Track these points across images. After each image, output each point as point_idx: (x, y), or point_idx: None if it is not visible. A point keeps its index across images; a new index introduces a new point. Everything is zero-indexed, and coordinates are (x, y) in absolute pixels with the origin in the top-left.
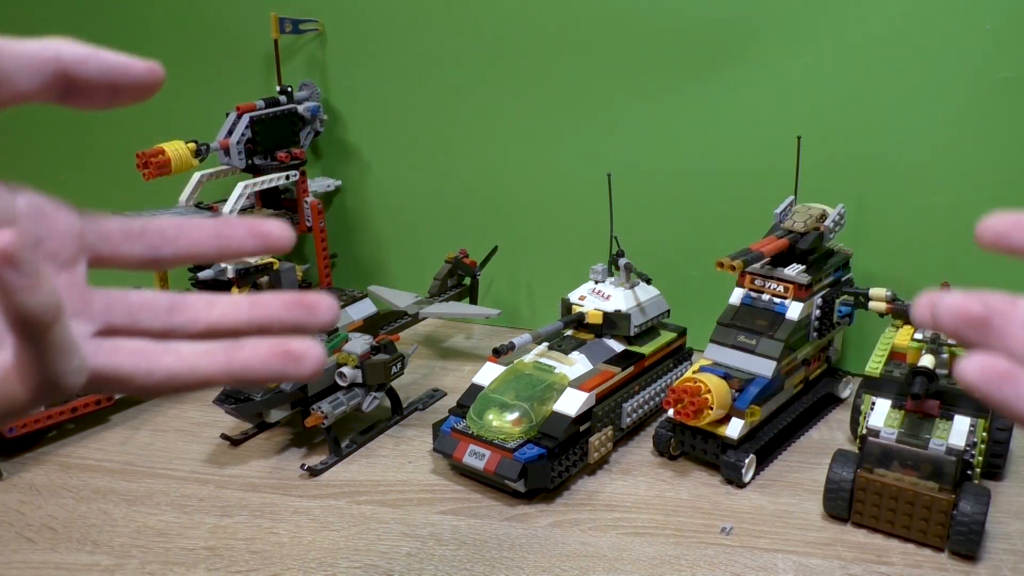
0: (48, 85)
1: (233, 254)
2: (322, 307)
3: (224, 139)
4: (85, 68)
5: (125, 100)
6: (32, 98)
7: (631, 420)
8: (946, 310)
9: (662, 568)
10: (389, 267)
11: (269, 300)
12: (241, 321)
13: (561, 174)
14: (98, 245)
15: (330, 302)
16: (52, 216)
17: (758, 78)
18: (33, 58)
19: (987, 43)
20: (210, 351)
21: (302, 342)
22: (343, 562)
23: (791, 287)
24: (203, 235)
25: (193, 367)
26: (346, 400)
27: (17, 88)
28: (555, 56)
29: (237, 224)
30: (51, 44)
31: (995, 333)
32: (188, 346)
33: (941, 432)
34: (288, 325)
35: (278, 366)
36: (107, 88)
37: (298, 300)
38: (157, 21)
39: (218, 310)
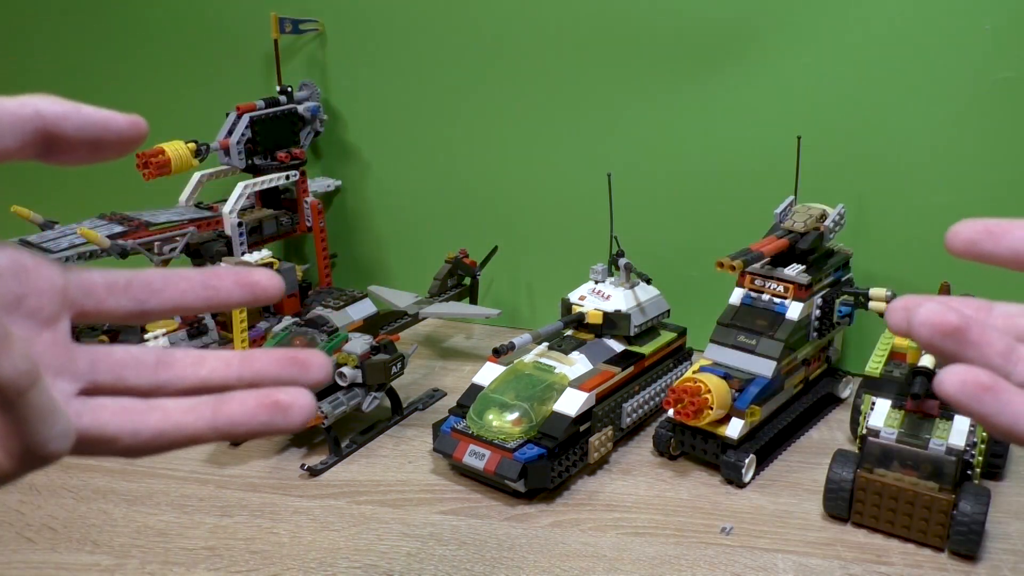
0: (29, 144)
1: (220, 305)
2: (314, 364)
3: (224, 139)
4: (66, 125)
5: (107, 155)
6: (12, 157)
7: (631, 420)
8: (922, 321)
9: (662, 568)
10: (389, 267)
11: (260, 356)
12: (231, 378)
13: (561, 174)
14: (82, 300)
15: (322, 359)
16: (33, 272)
17: (758, 78)
18: (13, 116)
19: (987, 43)
20: (196, 407)
21: (289, 392)
22: (343, 562)
23: (791, 287)
24: (190, 286)
25: (179, 424)
26: (346, 400)
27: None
28: (555, 56)
29: (225, 275)
30: (30, 102)
31: (972, 344)
32: (174, 402)
33: (941, 432)
34: (280, 382)
35: (265, 418)
36: (89, 144)
37: (291, 357)
38: (157, 21)
39: (207, 367)
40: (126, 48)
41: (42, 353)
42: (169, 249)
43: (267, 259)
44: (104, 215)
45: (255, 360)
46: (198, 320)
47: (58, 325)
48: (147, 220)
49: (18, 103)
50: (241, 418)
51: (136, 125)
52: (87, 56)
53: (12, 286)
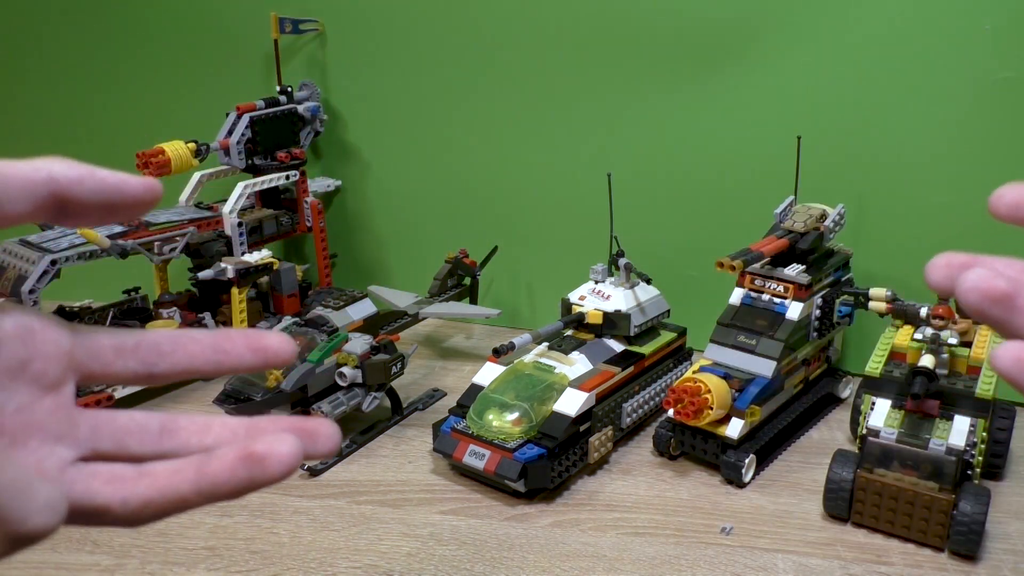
0: (41, 208)
1: (230, 369)
2: (323, 434)
3: (224, 139)
4: (80, 190)
5: (120, 218)
6: (25, 220)
7: (631, 420)
8: (971, 287)
9: (662, 568)
10: (389, 267)
11: (267, 426)
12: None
13: (561, 174)
14: (88, 363)
15: (331, 429)
16: (40, 335)
17: (758, 78)
18: (26, 181)
19: (987, 43)
20: (181, 468)
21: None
22: (343, 562)
23: (791, 287)
24: (199, 349)
25: (164, 490)
26: (346, 400)
27: (9, 212)
28: (555, 56)
29: (236, 337)
30: (44, 166)
31: (1021, 310)
32: (161, 465)
33: (941, 432)
34: None
35: (244, 474)
36: (103, 208)
37: (299, 426)
38: (157, 21)
39: (213, 435)
40: (126, 48)
41: (43, 419)
42: (169, 249)
43: (267, 259)
44: None
45: (262, 430)
46: (199, 320)
47: (62, 389)
48: (147, 220)
49: (32, 167)
50: (222, 475)
51: (151, 189)
52: (87, 56)
53: (17, 351)
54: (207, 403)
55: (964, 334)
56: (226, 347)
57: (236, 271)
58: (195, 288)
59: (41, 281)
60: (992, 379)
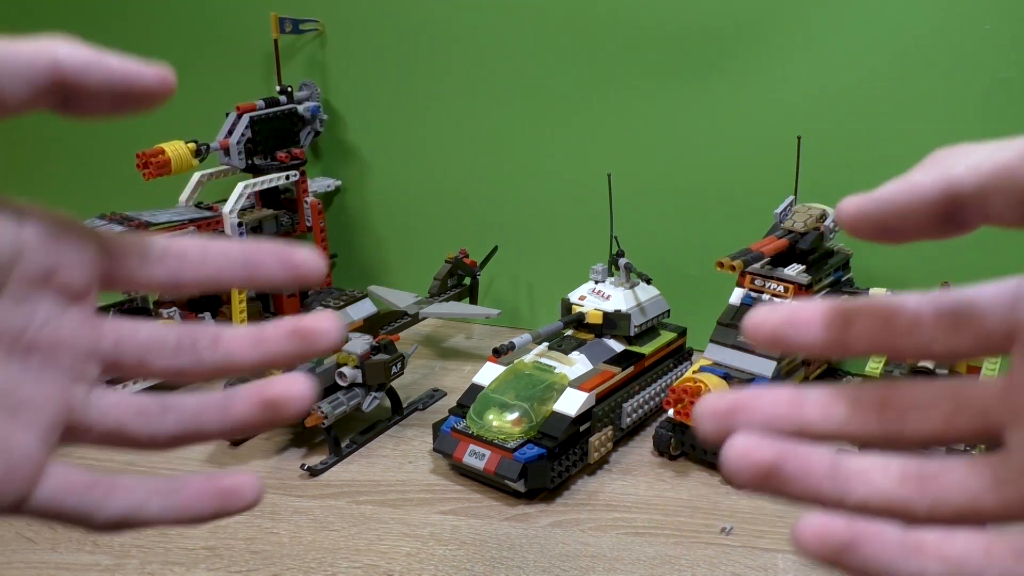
0: (44, 94)
1: (261, 285)
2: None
3: (224, 139)
4: (87, 77)
5: (131, 110)
6: (26, 108)
7: (631, 420)
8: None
9: (662, 568)
10: (389, 267)
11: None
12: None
13: (561, 174)
14: (113, 270)
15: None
16: (64, 243)
17: (758, 78)
18: (28, 64)
19: (987, 43)
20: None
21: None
22: (343, 562)
23: (791, 287)
24: (228, 263)
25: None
26: (346, 400)
27: (8, 98)
28: (555, 56)
29: (267, 252)
30: (48, 48)
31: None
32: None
33: None
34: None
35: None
36: (111, 98)
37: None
38: (157, 21)
39: (224, 347)
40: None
41: (72, 332)
42: None
43: None
44: (104, 215)
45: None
46: (199, 320)
47: (87, 299)
48: (147, 220)
49: (34, 50)
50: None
51: (164, 80)
52: None
53: (41, 260)
54: None
55: None
56: (256, 260)
57: None
58: None
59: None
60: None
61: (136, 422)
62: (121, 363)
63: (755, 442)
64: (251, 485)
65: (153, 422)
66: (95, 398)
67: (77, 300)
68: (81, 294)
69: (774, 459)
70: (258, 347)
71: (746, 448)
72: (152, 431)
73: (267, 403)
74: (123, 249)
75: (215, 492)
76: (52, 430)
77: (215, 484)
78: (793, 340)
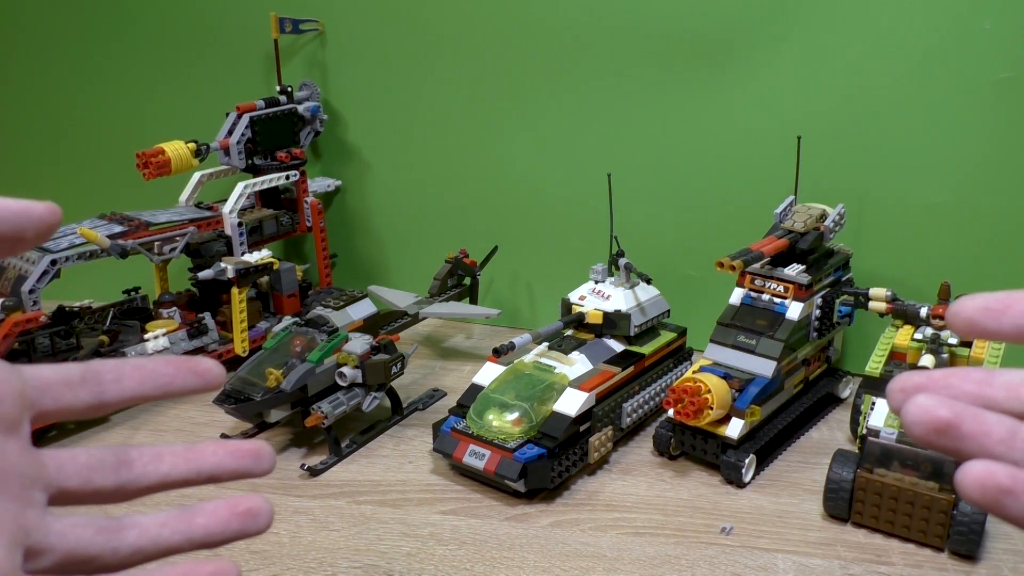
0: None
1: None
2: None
3: (224, 139)
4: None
5: (28, 245)
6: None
7: (631, 420)
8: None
9: (662, 568)
10: (389, 267)
11: (211, 450)
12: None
13: (561, 174)
14: (40, 399)
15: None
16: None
17: (758, 79)
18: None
19: (987, 43)
20: (167, 522)
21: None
22: (343, 562)
23: (791, 287)
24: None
25: (156, 539)
26: (346, 400)
27: None
28: (555, 56)
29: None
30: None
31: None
32: (147, 518)
33: None
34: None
35: (238, 526)
36: (12, 236)
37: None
38: (157, 21)
39: (166, 463)
40: (126, 48)
41: (16, 462)
42: (169, 249)
43: (267, 259)
44: (104, 215)
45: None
46: (199, 320)
47: (21, 430)
48: (147, 220)
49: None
50: (215, 527)
51: (53, 211)
52: (87, 56)
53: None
54: (207, 402)
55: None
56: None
57: (236, 271)
58: (195, 288)
59: (41, 281)
60: None
61: (96, 540)
62: (66, 486)
63: (937, 400)
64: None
65: (113, 539)
66: (51, 521)
67: (13, 432)
68: (15, 426)
69: (953, 416)
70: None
71: (927, 404)
72: (114, 546)
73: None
74: (44, 378)
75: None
76: (15, 545)
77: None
78: None
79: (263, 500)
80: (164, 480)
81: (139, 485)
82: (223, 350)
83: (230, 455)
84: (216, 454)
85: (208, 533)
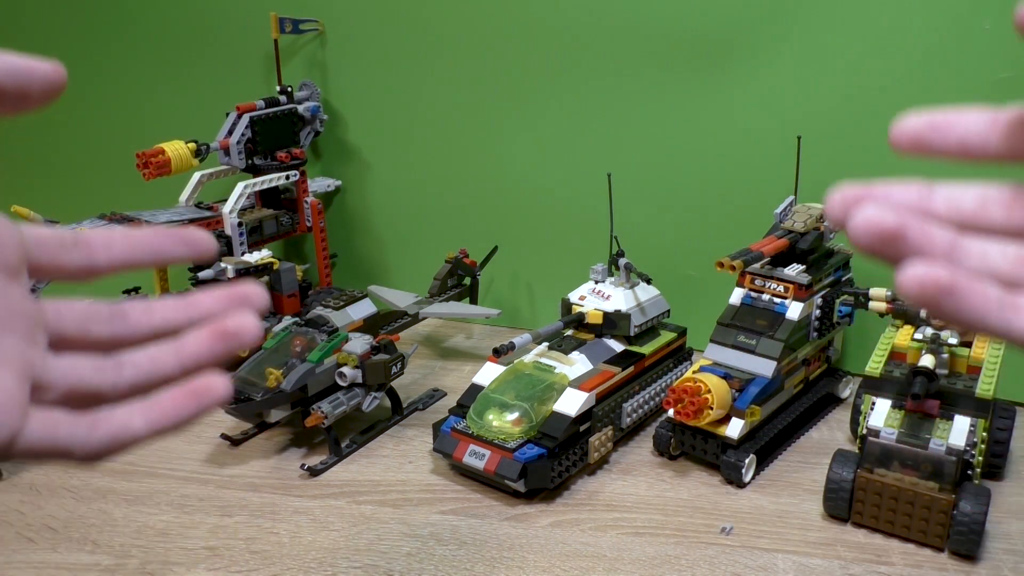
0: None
1: (167, 259)
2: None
3: (224, 139)
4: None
5: (33, 104)
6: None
7: (631, 420)
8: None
9: (662, 568)
10: (389, 267)
11: (204, 298)
12: (181, 321)
13: (561, 174)
14: (37, 252)
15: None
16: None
17: (758, 79)
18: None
19: (987, 43)
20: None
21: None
22: (343, 562)
23: (791, 287)
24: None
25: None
26: (346, 400)
27: None
28: (555, 56)
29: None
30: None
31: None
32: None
33: (941, 432)
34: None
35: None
36: (16, 92)
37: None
38: (157, 21)
39: (158, 314)
40: (127, 48)
41: (20, 304)
42: None
43: (267, 259)
44: (104, 215)
45: (200, 302)
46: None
47: (22, 277)
48: (147, 220)
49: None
50: (204, 351)
51: (58, 70)
52: (87, 56)
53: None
54: None
55: (964, 334)
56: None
57: (236, 271)
58: (195, 288)
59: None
60: (992, 379)
61: (96, 377)
62: (64, 332)
63: (883, 211)
64: (221, 381)
65: (111, 374)
66: (53, 360)
67: (15, 278)
68: (17, 272)
69: (898, 226)
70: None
71: (873, 214)
72: (113, 381)
73: (225, 335)
74: (42, 236)
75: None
76: (24, 377)
77: (189, 386)
78: None
79: (249, 317)
80: (157, 329)
81: (133, 335)
82: None
83: (222, 301)
84: (206, 302)
85: (198, 357)
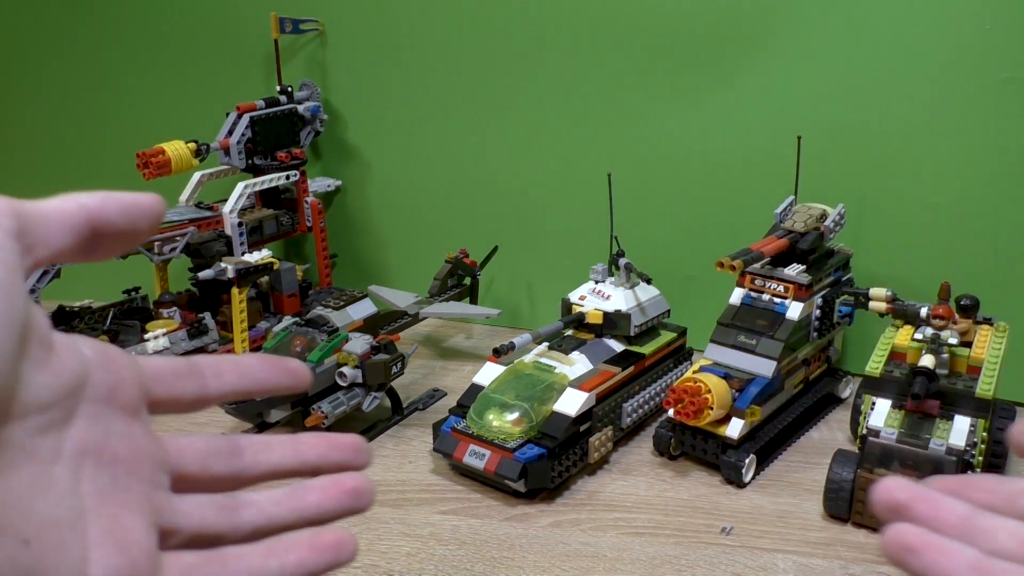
0: (81, 238)
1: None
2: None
3: (224, 139)
4: (107, 211)
5: (142, 237)
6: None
7: (631, 420)
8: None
9: (662, 568)
10: (389, 267)
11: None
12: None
13: (561, 174)
14: (154, 387)
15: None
16: (116, 361)
17: (758, 79)
18: (63, 214)
19: (987, 43)
20: (281, 500)
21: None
22: None
23: (791, 287)
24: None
25: (271, 517)
26: (346, 400)
27: (55, 246)
28: (555, 56)
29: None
30: (70, 198)
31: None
32: (261, 497)
33: (941, 432)
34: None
35: (348, 503)
36: (128, 227)
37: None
38: (157, 21)
39: (276, 453)
40: (126, 48)
41: (143, 444)
42: (169, 249)
43: (267, 259)
44: None
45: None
46: (199, 320)
47: (143, 415)
48: None
49: (60, 200)
50: (326, 505)
51: (158, 200)
52: (87, 56)
53: (106, 378)
54: None
55: (964, 334)
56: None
57: (236, 271)
58: (195, 288)
59: (41, 281)
60: (992, 379)
61: (219, 519)
62: (185, 470)
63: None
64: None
65: (233, 517)
66: (177, 502)
67: (136, 416)
68: (138, 410)
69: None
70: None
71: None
72: (235, 523)
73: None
74: (157, 367)
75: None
76: (152, 525)
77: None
78: None
79: (367, 479)
80: (273, 470)
81: (251, 474)
82: (223, 350)
83: (333, 448)
84: (319, 447)
85: (319, 511)
